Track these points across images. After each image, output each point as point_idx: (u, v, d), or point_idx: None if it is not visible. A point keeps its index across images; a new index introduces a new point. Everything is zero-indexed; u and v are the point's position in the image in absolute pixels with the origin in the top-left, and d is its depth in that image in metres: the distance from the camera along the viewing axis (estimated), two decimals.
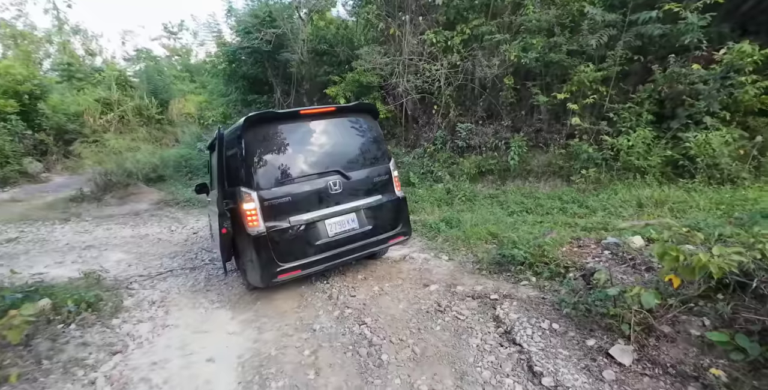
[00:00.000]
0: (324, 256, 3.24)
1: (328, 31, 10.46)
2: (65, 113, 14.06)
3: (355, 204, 3.42)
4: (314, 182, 3.25)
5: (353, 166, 3.45)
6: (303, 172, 3.24)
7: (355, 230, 3.40)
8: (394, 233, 3.63)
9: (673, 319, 2.22)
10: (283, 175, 3.18)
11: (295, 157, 3.27)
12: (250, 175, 3.05)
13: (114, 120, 14.86)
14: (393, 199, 3.65)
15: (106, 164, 10.21)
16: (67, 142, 13.74)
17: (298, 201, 3.17)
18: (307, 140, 3.38)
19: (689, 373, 1.95)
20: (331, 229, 3.30)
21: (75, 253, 6.10)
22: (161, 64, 20.62)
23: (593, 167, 6.17)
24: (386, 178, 3.63)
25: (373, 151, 3.64)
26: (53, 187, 11.81)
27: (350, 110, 3.70)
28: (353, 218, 3.41)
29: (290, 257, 3.12)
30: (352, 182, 3.39)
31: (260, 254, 3.04)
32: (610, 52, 6.16)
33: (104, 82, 16.80)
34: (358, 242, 3.40)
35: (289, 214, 3.13)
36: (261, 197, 3.04)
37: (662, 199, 4.82)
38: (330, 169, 3.33)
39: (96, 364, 2.56)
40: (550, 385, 2.05)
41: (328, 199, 3.28)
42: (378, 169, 3.60)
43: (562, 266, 3.23)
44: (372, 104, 3.89)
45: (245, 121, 3.10)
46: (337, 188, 3.31)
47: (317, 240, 3.24)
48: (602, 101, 6.56)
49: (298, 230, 3.16)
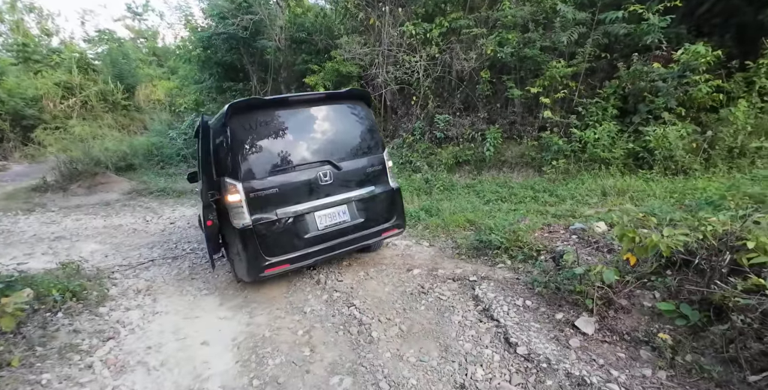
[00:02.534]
0: (313, 250, 3.16)
1: (306, 19, 10.29)
2: (22, 97, 13.15)
3: (347, 195, 3.32)
4: (303, 173, 3.14)
5: (345, 156, 3.33)
6: (292, 163, 3.12)
7: (346, 223, 3.31)
8: (388, 226, 3.54)
9: (630, 293, 2.53)
10: (270, 166, 3.05)
11: (284, 146, 3.13)
12: (235, 165, 2.93)
13: (76, 105, 14.06)
14: (387, 190, 3.54)
15: (71, 152, 9.73)
16: (25, 129, 12.92)
17: (287, 192, 3.07)
18: (296, 128, 3.23)
19: (641, 338, 2.25)
20: (321, 221, 3.21)
21: (44, 245, 5.90)
22: (126, 46, 19.50)
23: (563, 158, 6.55)
24: (380, 168, 3.51)
25: (366, 140, 3.50)
26: (11, 176, 11.12)
27: (342, 97, 3.51)
28: (344, 210, 3.32)
29: (278, 251, 3.04)
30: (343, 173, 3.28)
31: (246, 248, 2.95)
32: (579, 49, 6.49)
33: (63, 64, 15.76)
34: (350, 235, 3.32)
35: (276, 206, 3.03)
36: (247, 188, 2.93)
37: (624, 188, 5.23)
38: (320, 159, 3.21)
39: (90, 349, 2.60)
40: (524, 353, 2.31)
41: (317, 190, 3.18)
42: (371, 159, 3.47)
43: (534, 250, 3.51)
44: (365, 91, 3.65)
45: (230, 108, 2.94)
46: (328, 179, 3.20)
47: (306, 233, 3.15)
48: (572, 96, 6.93)
49: (286, 223, 3.07)
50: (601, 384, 2.00)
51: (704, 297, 2.12)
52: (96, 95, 14.73)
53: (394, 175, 3.65)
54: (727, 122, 5.57)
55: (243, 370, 2.42)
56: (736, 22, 6.21)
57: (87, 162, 9.63)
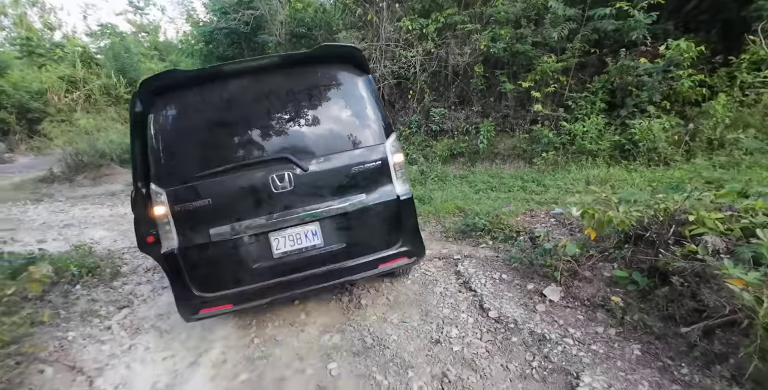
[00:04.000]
0: (266, 285, 2.32)
1: (306, 14, 10.50)
2: (27, 91, 13.41)
3: (317, 209, 2.31)
4: (247, 176, 2.22)
5: (315, 150, 2.31)
6: (229, 161, 2.21)
7: (317, 249, 2.35)
8: (391, 253, 2.49)
9: (593, 266, 2.80)
10: (200, 165, 2.20)
11: (220, 137, 2.26)
12: (158, 165, 2.21)
13: (80, 99, 14.30)
14: (388, 199, 2.43)
15: (77, 144, 10.01)
16: (30, 122, 13.19)
17: (222, 204, 2.21)
18: (238, 111, 2.29)
19: (598, 303, 2.54)
20: (278, 245, 2.31)
21: (55, 232, 6.19)
22: (128, 40, 19.67)
23: (552, 150, 6.79)
24: (376, 165, 2.39)
25: (356, 125, 2.40)
26: (18, 168, 11.42)
27: (312, 60, 2.38)
28: (314, 230, 2.34)
29: (215, 286, 2.30)
30: (311, 175, 2.27)
31: (173, 280, 2.28)
32: (569, 45, 6.70)
33: (67, 58, 15.98)
34: (323, 266, 2.37)
35: (209, 224, 2.21)
36: (171, 198, 2.17)
37: (606, 177, 5.49)
38: (274, 155, 2.25)
39: (108, 315, 2.90)
40: (495, 317, 2.59)
41: (270, 201, 2.25)
42: (361, 154, 2.37)
43: (515, 231, 3.78)
44: (352, 48, 2.46)
45: (142, 86, 2.18)
46: (285, 185, 2.23)
47: (255, 262, 2.30)
48: (562, 90, 7.16)
49: (225, 247, 2.24)
50: (558, 339, 2.29)
51: (652, 265, 2.39)
52: (99, 89, 14.96)
53: (405, 176, 2.51)
54: (707, 115, 5.81)
55: (245, 333, 2.71)
56: (722, 19, 6.42)
57: (92, 154, 9.91)
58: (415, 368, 2.16)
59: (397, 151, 2.50)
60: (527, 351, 2.26)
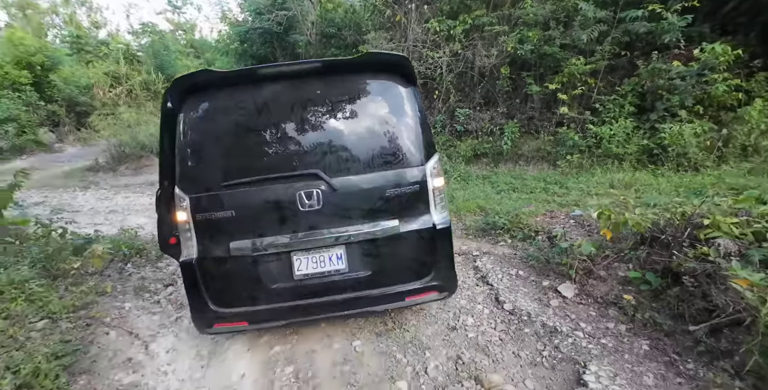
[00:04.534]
0: (284, 307, 2.22)
1: (336, 15, 10.78)
2: (76, 85, 14.39)
3: (345, 232, 2.17)
4: (274, 190, 2.11)
5: (348, 168, 2.15)
6: (256, 173, 2.12)
7: (340, 274, 2.22)
8: (420, 287, 2.29)
9: (608, 265, 2.90)
10: (226, 174, 2.13)
11: (248, 146, 2.17)
12: (184, 169, 2.16)
13: (122, 94, 15.21)
14: (423, 227, 2.23)
15: (120, 136, 10.71)
16: (78, 114, 14.16)
17: (245, 217, 2.13)
18: (270, 117, 2.18)
19: (611, 301, 2.64)
20: (300, 267, 2.19)
21: (102, 216, 6.73)
22: (167, 39, 20.67)
23: (577, 153, 6.78)
24: (413, 190, 2.20)
25: (395, 143, 2.20)
26: (68, 157, 12.32)
27: (355, 69, 2.27)
28: (339, 254, 2.21)
29: (230, 302, 2.22)
30: (341, 195, 2.14)
31: (189, 290, 2.23)
32: (598, 47, 6.66)
33: (111, 55, 17.01)
34: (346, 293, 2.23)
35: (231, 237, 2.14)
36: (195, 205, 2.12)
37: (631, 181, 5.46)
38: (304, 170, 2.12)
39: (156, 291, 3.23)
40: (510, 309, 2.74)
41: (295, 219, 2.14)
42: (398, 175, 2.19)
43: (533, 231, 3.89)
44: (400, 57, 2.27)
45: (174, 84, 2.14)
46: (313, 203, 2.10)
47: (274, 282, 2.19)
48: (590, 93, 7.11)
49: (244, 263, 2.16)
50: (569, 332, 2.42)
51: (666, 266, 2.47)
52: (140, 84, 15.85)
53: (444, 202, 2.31)
54: (742, 121, 5.67)
55: None
56: (761, 21, 6.21)
57: (133, 146, 10.59)
58: (432, 350, 2.35)
59: (438, 174, 2.27)
60: (539, 341, 2.40)
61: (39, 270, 2.89)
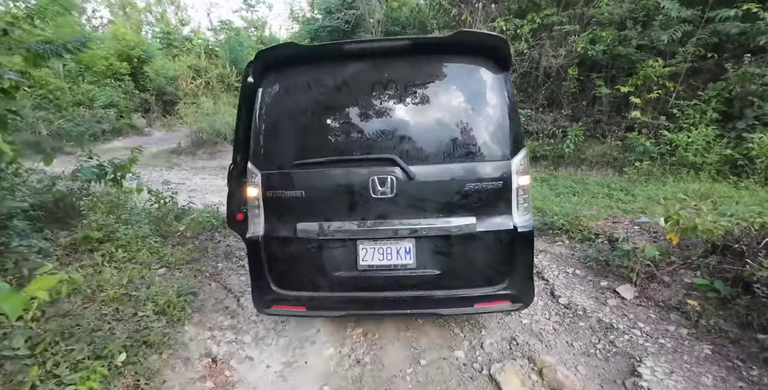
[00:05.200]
0: (344, 297, 2.16)
1: (401, 13, 11.05)
2: (165, 77, 16.08)
3: (416, 225, 2.03)
4: (346, 173, 2.02)
5: (427, 156, 1.99)
6: (330, 153, 2.03)
7: (407, 269, 2.07)
8: (491, 293, 2.10)
9: (673, 271, 2.87)
10: (300, 152, 2.07)
11: (325, 123, 2.08)
12: (258, 144, 2.11)
13: (201, 85, 16.70)
14: (502, 229, 2.04)
15: (200, 123, 11.87)
16: (165, 103, 15.84)
17: (315, 199, 2.06)
18: (349, 97, 2.07)
19: (673, 305, 2.63)
20: (365, 256, 2.08)
21: (185, 194, 7.58)
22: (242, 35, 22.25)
23: (647, 160, 6.46)
24: (495, 186, 2.01)
25: (481, 133, 2.01)
26: (155, 140, 13.86)
27: (445, 49, 2.07)
28: (408, 248, 2.07)
29: (292, 284, 2.16)
30: (416, 185, 1.99)
31: (252, 268, 2.20)
32: (680, 49, 6.26)
33: (194, 50, 18.71)
34: (410, 291, 2.10)
35: (297, 218, 2.07)
36: (266, 182, 2.08)
37: (708, 193, 5.14)
38: (380, 154, 2.00)
39: (241, 257, 3.70)
40: (565, 303, 2.83)
41: (366, 205, 2.02)
42: (479, 169, 2.01)
43: (593, 233, 3.88)
44: (499, 38, 2.02)
45: (257, 58, 2.07)
46: (386, 190, 1.98)
47: (337, 269, 2.11)
48: (667, 97, 6.71)
49: (309, 246, 2.09)
50: (626, 329, 2.48)
51: (737, 275, 2.42)
52: (216, 77, 17.29)
53: (529, 203, 2.10)
54: None
55: None
56: None
57: (210, 132, 11.68)
58: (487, 329, 2.53)
59: (524, 171, 2.04)
60: (593, 335, 2.48)
61: (153, 230, 3.48)
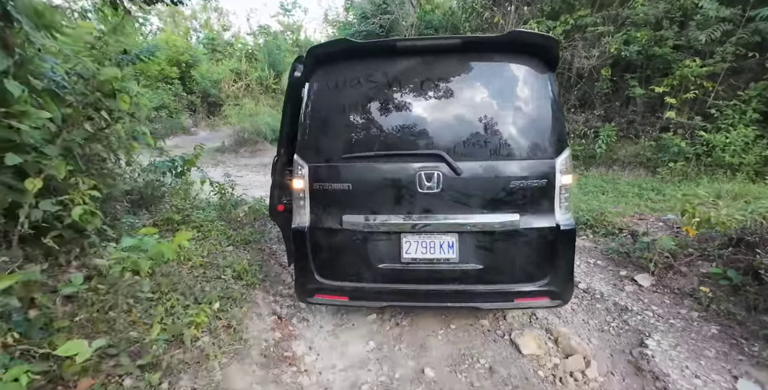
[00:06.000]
0: (386, 289, 2.23)
1: (434, 16, 11.35)
2: (210, 80, 17.23)
3: (461, 219, 2.10)
4: (394, 168, 2.10)
5: (473, 153, 2.06)
6: (379, 148, 2.11)
7: (449, 263, 2.16)
8: (533, 289, 2.17)
9: (690, 263, 3.06)
10: (346, 146, 2.14)
11: (373, 120, 2.14)
12: (305, 137, 2.19)
13: (242, 88, 17.73)
14: (545, 226, 2.11)
15: (242, 124, 12.71)
16: (209, 104, 16.97)
17: (362, 193, 2.14)
18: (399, 93, 2.13)
19: (687, 292, 2.84)
20: (409, 249, 2.16)
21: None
22: (279, 39, 23.29)
23: (682, 161, 6.45)
24: (539, 184, 2.08)
25: (527, 132, 2.09)
26: (201, 140, 14.90)
27: (496, 48, 2.13)
28: (451, 242, 2.14)
29: (335, 274, 2.26)
30: (462, 181, 2.06)
31: (297, 257, 2.30)
32: (719, 48, 6.21)
33: (235, 54, 19.85)
34: (452, 284, 2.19)
35: (343, 210, 2.17)
36: (312, 175, 2.17)
37: (742, 193, 5.14)
38: (428, 150, 2.08)
39: None
40: (584, 288, 3.09)
41: (412, 200, 2.11)
42: (527, 166, 2.07)
43: (617, 228, 4.07)
44: (551, 39, 2.12)
45: (309, 54, 2.13)
46: (433, 185, 2.07)
47: (381, 261, 2.20)
48: (705, 97, 6.65)
49: (354, 238, 2.18)
50: (639, 311, 2.72)
51: (749, 264, 2.60)
52: (256, 80, 18.29)
53: (569, 202, 2.16)
54: None
55: None
56: None
57: (251, 132, 12.49)
58: None
59: (567, 170, 2.09)
60: (608, 315, 2.74)
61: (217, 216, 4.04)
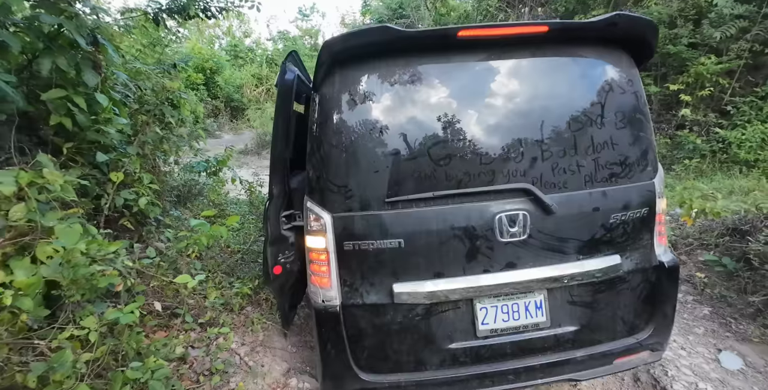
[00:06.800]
0: (459, 376, 1.63)
1: (449, 19, 11.60)
2: (233, 85, 17.98)
3: (554, 271, 1.58)
4: (465, 211, 1.53)
5: (566, 180, 1.56)
6: (442, 185, 1.51)
7: (539, 329, 1.64)
8: (634, 344, 1.73)
9: (690, 251, 3.23)
10: (394, 186, 1.51)
11: (430, 146, 1.50)
12: (323, 174, 1.54)
13: (263, 92, 18.41)
14: (648, 266, 1.70)
15: (265, 127, 13.29)
16: (232, 108, 17.70)
17: (420, 250, 1.54)
18: (459, 104, 1.52)
19: (685, 278, 3.02)
20: (486, 319, 1.61)
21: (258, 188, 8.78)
22: (298, 44, 23.98)
23: (697, 158, 6.48)
24: (641, 214, 1.63)
25: (623, 146, 1.60)
26: (225, 142, 15.48)
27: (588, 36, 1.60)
28: (539, 302, 1.63)
29: (385, 366, 1.65)
30: (555, 220, 1.55)
31: (324, 348, 1.64)
32: (733, 46, 6.23)
33: (256, 60, 20.60)
34: (543, 355, 1.66)
35: (394, 277, 1.57)
36: (340, 229, 1.53)
37: (754, 188, 5.18)
38: (510, 183, 1.53)
39: None
40: None
41: (490, 253, 1.55)
42: (627, 192, 1.62)
43: None
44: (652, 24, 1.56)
45: (325, 50, 1.44)
46: (517, 231, 1.53)
47: (450, 340, 1.62)
48: (722, 94, 6.66)
49: (410, 314, 1.59)
50: None
51: (743, 252, 2.77)
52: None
53: (666, 231, 1.77)
54: None
55: None
56: None
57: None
58: None
59: (663, 194, 1.68)
60: None
61: (248, 210, 4.45)
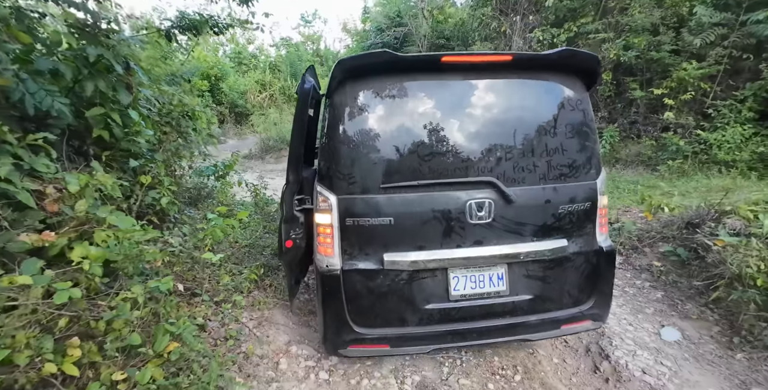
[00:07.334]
0: (434, 332, 2.02)
1: (446, 26, 12.02)
2: (237, 91, 18.50)
3: (512, 249, 1.99)
4: (441, 197, 1.93)
5: (524, 177, 1.97)
6: (425, 176, 1.91)
7: (500, 296, 2.03)
8: (575, 313, 2.13)
9: (652, 244, 3.56)
10: (386, 176, 1.90)
11: (416, 145, 1.91)
12: (331, 165, 1.93)
13: (267, 98, 18.91)
14: (589, 250, 2.11)
15: (268, 132, 13.73)
16: (237, 114, 18.21)
17: (407, 227, 1.93)
18: (444, 116, 1.93)
19: (645, 268, 3.36)
20: (457, 286, 2.00)
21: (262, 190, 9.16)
22: (300, 50, 24.53)
23: (680, 159, 6.79)
24: (585, 207, 2.06)
25: (572, 154, 2.03)
26: (230, 147, 16.07)
27: (548, 66, 2.04)
28: (501, 274, 2.02)
29: (375, 321, 2.02)
30: (514, 208, 1.96)
31: (326, 305, 2.02)
32: (711, 52, 6.57)
33: (259, 66, 21.15)
34: (502, 319, 2.06)
35: (385, 248, 1.94)
36: (343, 209, 1.91)
37: (729, 186, 5.48)
38: (479, 176, 1.93)
39: None
40: None
41: (461, 231, 1.95)
42: (572, 189, 2.04)
43: None
44: (596, 58, 2.03)
45: (338, 67, 1.84)
46: (485, 215, 1.93)
47: (427, 301, 2.00)
48: (704, 97, 6.98)
49: (396, 279, 1.96)
50: None
51: (695, 242, 3.10)
52: (279, 90, 19.45)
53: (606, 223, 2.19)
54: None
55: None
56: None
57: (276, 139, 13.48)
58: None
59: (605, 192, 2.12)
60: None
61: (254, 210, 4.83)
